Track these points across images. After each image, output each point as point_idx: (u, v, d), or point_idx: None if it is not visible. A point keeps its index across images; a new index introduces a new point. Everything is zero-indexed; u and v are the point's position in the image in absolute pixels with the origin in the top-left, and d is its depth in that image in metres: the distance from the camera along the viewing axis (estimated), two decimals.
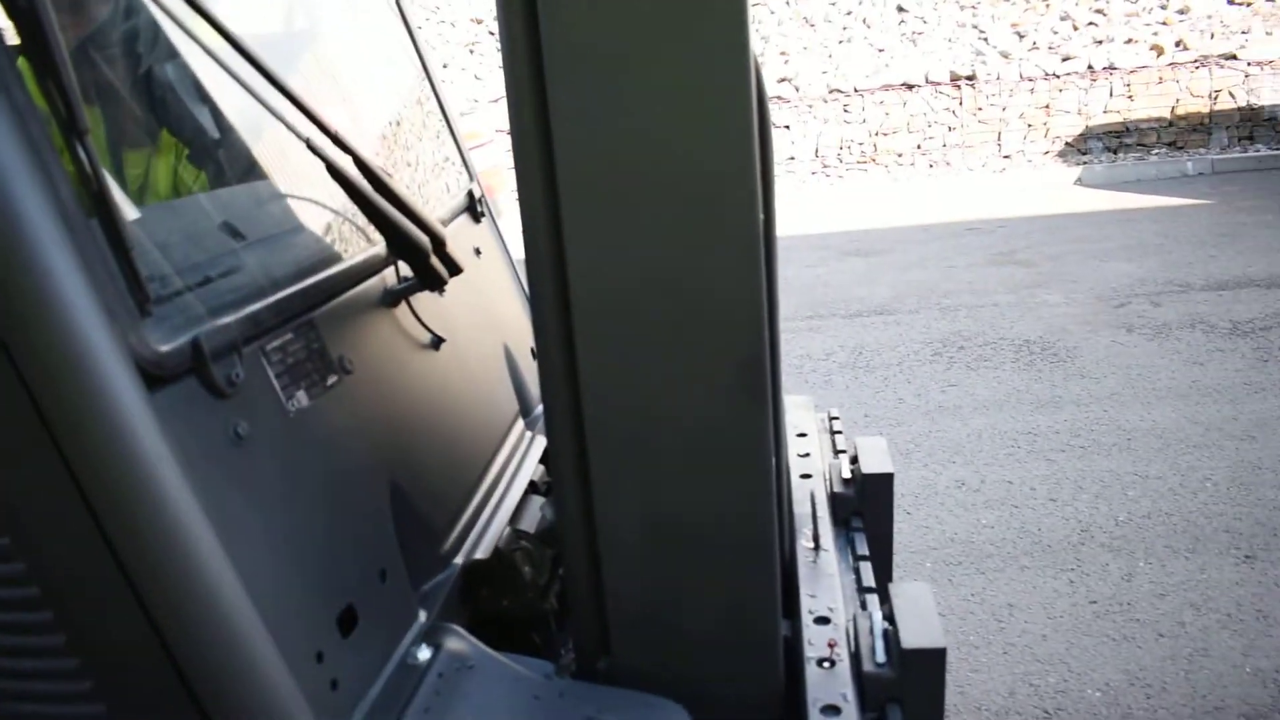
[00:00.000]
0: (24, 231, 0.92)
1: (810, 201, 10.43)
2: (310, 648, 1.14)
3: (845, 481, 1.88)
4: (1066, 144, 10.40)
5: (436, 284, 1.54)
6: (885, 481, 1.81)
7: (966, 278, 6.75)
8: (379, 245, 1.50)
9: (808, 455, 1.99)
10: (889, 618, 1.39)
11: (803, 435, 2.09)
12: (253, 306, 1.20)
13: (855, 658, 1.36)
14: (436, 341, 1.65)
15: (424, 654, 1.28)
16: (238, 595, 1.05)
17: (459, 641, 1.31)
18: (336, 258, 1.44)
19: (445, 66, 12.20)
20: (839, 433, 2.18)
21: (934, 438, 4.24)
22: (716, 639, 1.31)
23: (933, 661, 1.29)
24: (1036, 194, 9.37)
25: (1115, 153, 10.18)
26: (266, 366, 1.22)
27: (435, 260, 1.52)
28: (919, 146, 10.72)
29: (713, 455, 1.23)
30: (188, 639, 1.03)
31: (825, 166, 11.01)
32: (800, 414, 2.21)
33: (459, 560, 1.51)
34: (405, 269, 1.54)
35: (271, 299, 1.24)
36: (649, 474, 1.24)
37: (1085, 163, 10.09)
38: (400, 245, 1.46)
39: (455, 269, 1.56)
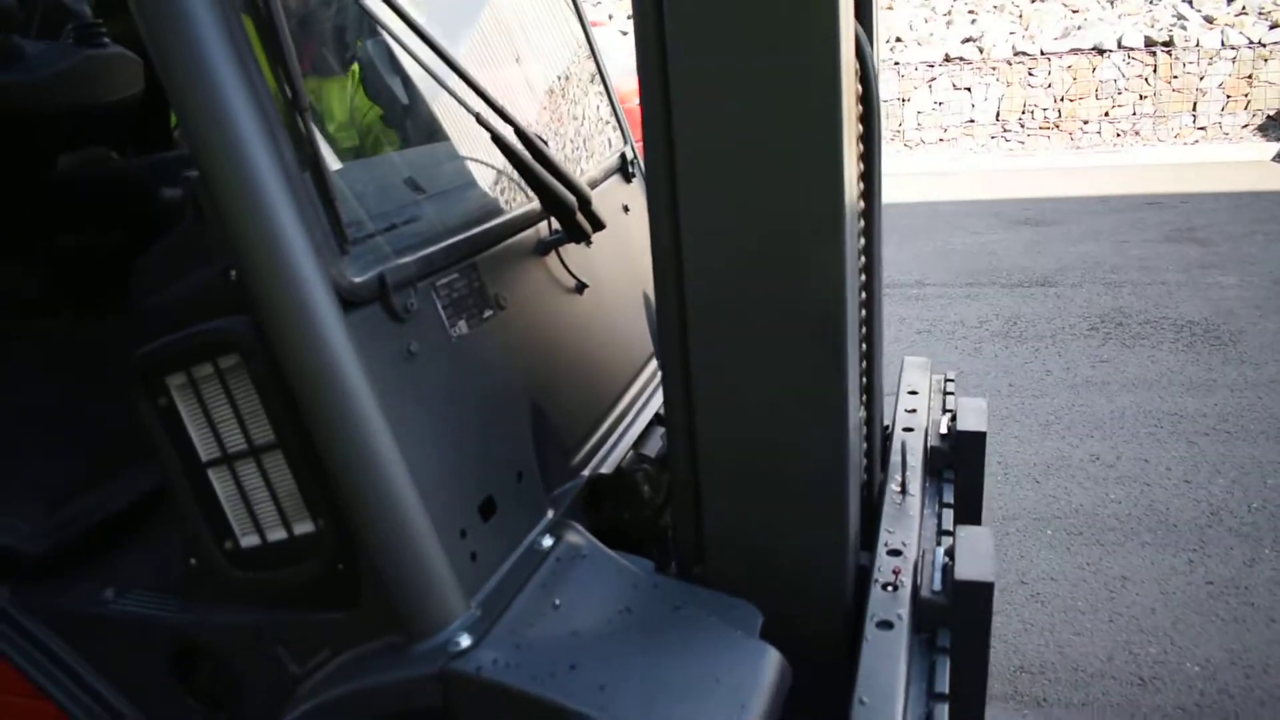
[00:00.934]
0: (256, 185, 1.23)
1: (988, 167, 10.16)
2: (456, 525, 1.43)
3: (942, 437, 2.03)
4: (1269, 118, 9.68)
5: (581, 237, 1.80)
6: (977, 440, 1.96)
7: (1138, 253, 6.52)
8: (534, 202, 1.77)
9: (914, 411, 2.15)
10: (950, 553, 1.57)
11: (914, 393, 2.25)
12: (428, 250, 1.49)
13: (916, 586, 1.55)
14: (580, 286, 1.92)
15: (547, 542, 1.55)
16: (403, 476, 1.35)
17: (577, 536, 1.58)
18: (498, 211, 1.72)
19: (610, 18, 12.38)
20: (951, 394, 2.33)
21: (1076, 411, 4.24)
22: (793, 559, 1.53)
23: (980, 593, 1.46)
24: (1228, 170, 8.84)
25: None
26: (436, 299, 1.52)
27: (580, 217, 1.78)
28: (1107, 114, 10.23)
29: (794, 400, 1.44)
30: (363, 506, 1.34)
31: (1006, 131, 10.67)
32: (916, 374, 2.36)
33: (586, 473, 1.78)
34: (556, 223, 1.81)
35: (443, 244, 1.53)
36: (742, 411, 1.46)
37: None
38: (550, 202, 1.72)
39: (599, 225, 1.81)
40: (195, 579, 1.58)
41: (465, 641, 1.33)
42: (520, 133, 1.67)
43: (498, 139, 1.62)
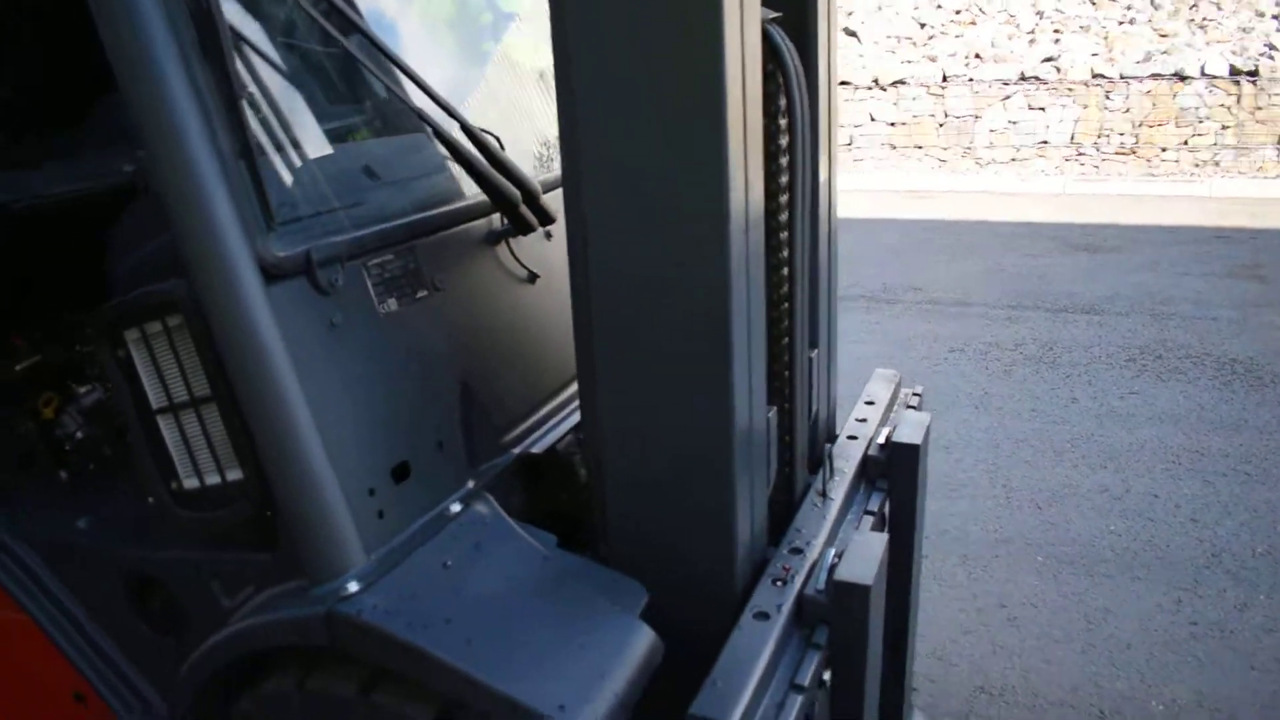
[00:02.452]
0: (188, 164, 1.35)
1: (1056, 190, 9.96)
2: (365, 484, 1.53)
3: (880, 447, 2.06)
4: None
5: (525, 229, 1.88)
6: (910, 452, 1.99)
7: (1195, 286, 6.34)
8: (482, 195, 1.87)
9: (864, 420, 2.18)
10: (840, 555, 1.61)
11: (870, 403, 2.28)
12: (359, 232, 1.59)
13: (805, 583, 1.60)
14: (533, 277, 2.00)
15: (456, 508, 1.64)
16: (311, 434, 1.45)
17: (485, 506, 1.66)
18: (443, 201, 1.81)
19: None
20: (912, 407, 2.35)
21: (1094, 441, 4.17)
22: (681, 547, 1.59)
23: (857, 594, 1.50)
24: None
25: None
26: (366, 277, 1.62)
27: (525, 210, 1.87)
28: (1186, 143, 9.93)
29: (680, 397, 1.50)
30: (274, 459, 1.45)
31: (1080, 154, 10.43)
32: (879, 386, 2.38)
33: (516, 450, 1.86)
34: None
35: (376, 228, 1.63)
36: (637, 405, 1.53)
37: None
38: (493, 195, 1.81)
39: (547, 219, 1.90)
40: (150, 516, 1.72)
41: (354, 587, 1.43)
42: (465, 128, 1.77)
43: (438, 133, 1.72)
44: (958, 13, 12.31)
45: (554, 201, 1.85)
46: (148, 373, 1.61)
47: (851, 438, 2.11)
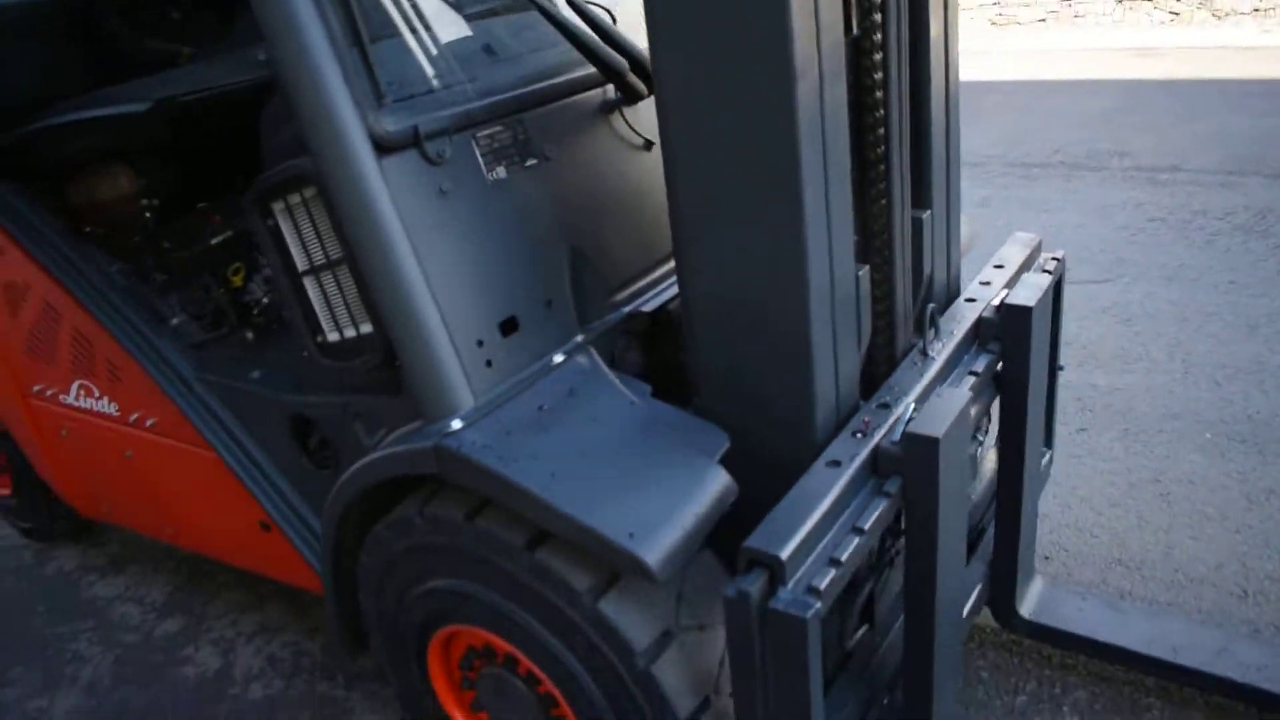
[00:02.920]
0: (303, 50, 1.52)
1: None
2: (473, 336, 1.71)
3: (995, 309, 2.04)
4: None
5: (634, 97, 1.96)
6: (1023, 314, 1.95)
7: None
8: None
9: (988, 284, 2.15)
10: (919, 408, 1.66)
11: (999, 267, 2.24)
12: (466, 106, 1.73)
13: (885, 436, 1.66)
14: (647, 144, 2.09)
15: (559, 359, 1.80)
16: (422, 291, 1.64)
17: (586, 358, 1.81)
18: (550, 74, 1.92)
19: None
20: (1048, 272, 2.29)
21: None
22: (765, 397, 1.69)
23: (926, 446, 1.55)
24: None
25: None
26: (475, 148, 1.76)
27: (633, 78, 1.95)
28: None
29: (757, 251, 1.57)
30: (390, 313, 1.65)
31: None
32: (1013, 249, 2.33)
33: (626, 309, 1.99)
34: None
35: (483, 102, 1.76)
36: (720, 262, 1.62)
37: None
38: (598, 64, 1.90)
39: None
40: (306, 366, 1.99)
41: (457, 425, 1.63)
42: (573, 3, 1.85)
43: (545, 9, 1.81)
44: None
45: None
46: (292, 239, 1.84)
47: (970, 300, 2.10)
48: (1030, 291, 2.00)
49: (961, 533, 1.76)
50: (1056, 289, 2.45)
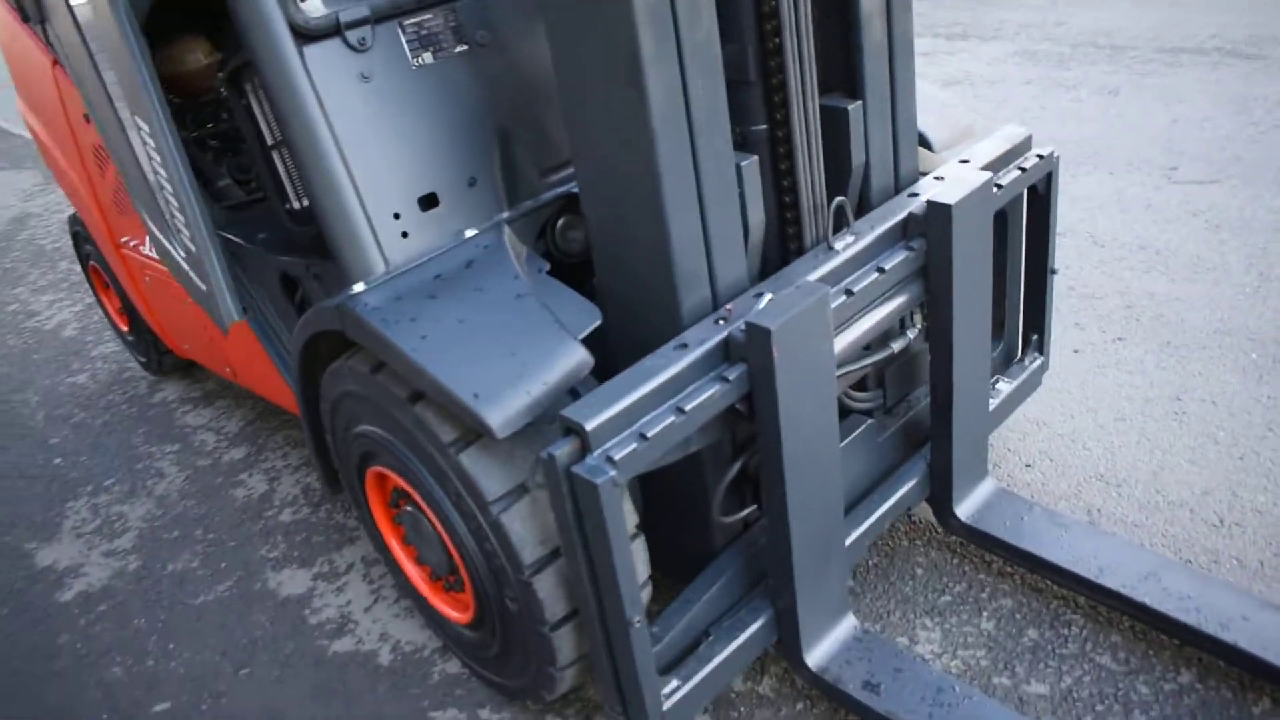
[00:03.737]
0: None
1: None
2: (390, 208, 1.88)
3: (927, 204, 1.99)
4: None
5: None
6: (943, 212, 1.92)
7: None
8: None
9: (940, 179, 2.11)
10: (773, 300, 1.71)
11: (964, 161, 2.19)
12: None
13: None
14: None
15: (470, 233, 1.95)
16: (339, 167, 1.81)
17: (495, 235, 1.93)
18: None
19: None
20: (1022, 169, 2.22)
21: None
22: (639, 280, 1.79)
23: (762, 336, 1.61)
24: None
25: None
26: (401, 35, 1.89)
27: None
28: None
29: (616, 140, 1.65)
30: (312, 187, 1.84)
31: None
32: (990, 144, 2.26)
33: (549, 194, 2.08)
34: None
35: None
36: (597, 149, 1.71)
37: None
38: None
39: None
40: (288, 230, 2.23)
41: (359, 289, 1.82)
42: None
43: None
44: None
45: None
46: (260, 116, 2.04)
47: (913, 195, 2.08)
48: (955, 188, 1.96)
49: (822, 423, 1.80)
50: (1046, 189, 2.37)
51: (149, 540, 3.03)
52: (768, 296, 1.74)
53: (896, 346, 2.10)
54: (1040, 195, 2.35)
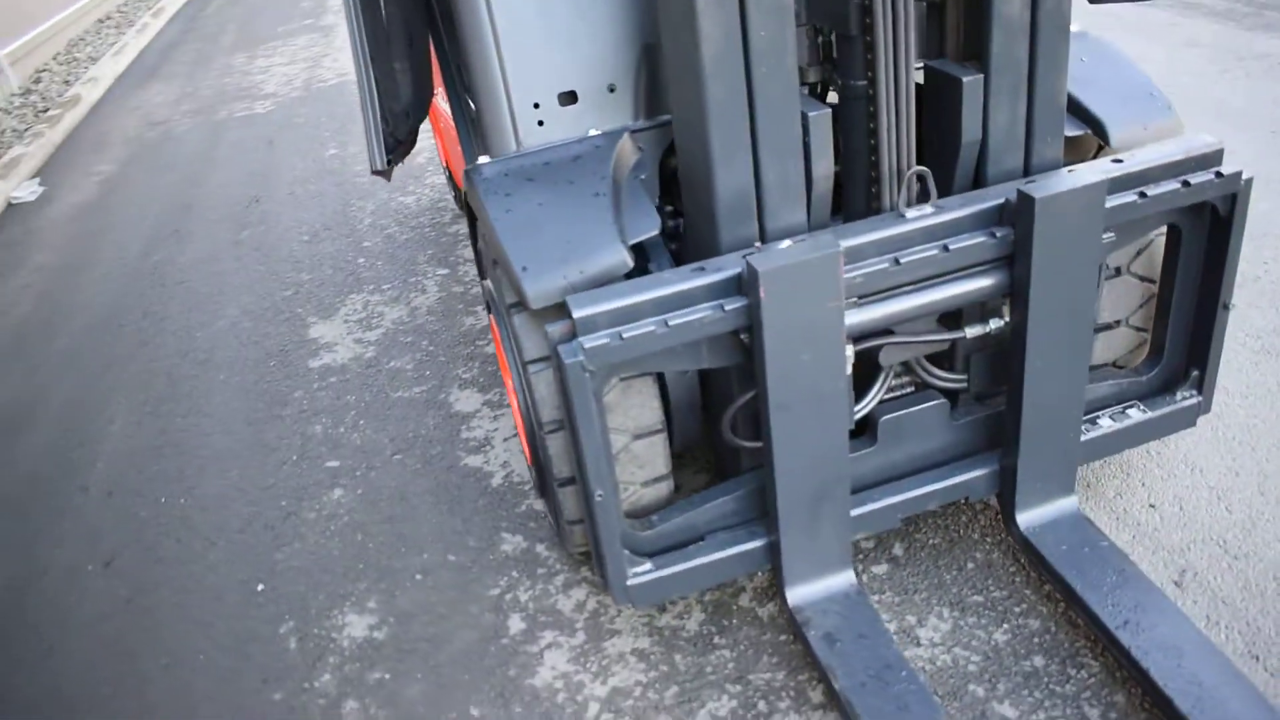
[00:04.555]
0: None
1: None
2: (531, 98, 2.17)
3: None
4: None
5: None
6: (1027, 204, 1.85)
7: None
8: None
9: (1073, 171, 2.01)
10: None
11: (1118, 161, 2.05)
12: None
13: None
14: None
15: (594, 133, 2.18)
16: (493, 57, 2.13)
17: (611, 139, 2.15)
18: None
19: None
20: (1187, 185, 2.04)
21: None
22: (698, 202, 1.95)
23: (752, 276, 1.73)
24: None
25: None
26: None
27: None
28: None
29: (681, 71, 1.81)
30: (470, 66, 2.18)
31: None
32: (1165, 149, 2.08)
33: None
34: None
35: None
36: (676, 76, 1.89)
37: None
38: None
39: None
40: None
41: (485, 160, 2.15)
42: None
43: None
44: None
45: None
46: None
47: (1030, 182, 2.02)
48: (1061, 183, 1.87)
49: (822, 374, 1.86)
50: (1229, 212, 2.14)
51: (389, 339, 3.70)
52: (787, 243, 1.83)
53: (971, 332, 2.07)
54: (1221, 218, 2.11)
